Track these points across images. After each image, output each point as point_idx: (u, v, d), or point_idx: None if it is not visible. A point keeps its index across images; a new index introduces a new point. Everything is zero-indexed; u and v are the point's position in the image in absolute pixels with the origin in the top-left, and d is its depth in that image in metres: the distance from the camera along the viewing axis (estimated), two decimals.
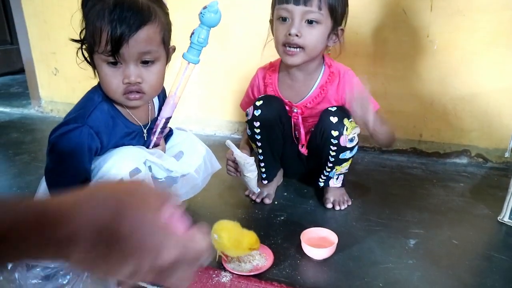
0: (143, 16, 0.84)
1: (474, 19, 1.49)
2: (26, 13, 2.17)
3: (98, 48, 0.84)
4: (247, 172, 1.18)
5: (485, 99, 1.58)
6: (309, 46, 1.13)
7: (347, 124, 1.16)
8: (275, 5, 1.17)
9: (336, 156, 1.21)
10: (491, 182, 1.51)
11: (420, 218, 1.22)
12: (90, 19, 0.84)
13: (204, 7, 0.95)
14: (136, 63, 0.87)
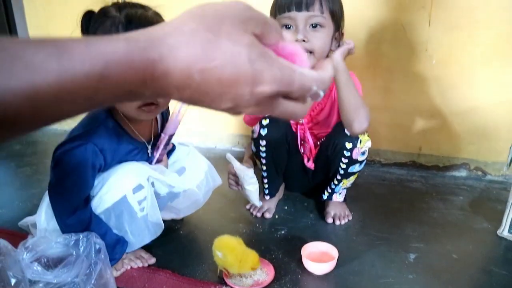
0: None
1: (472, 34, 1.52)
2: (30, 26, 2.19)
3: None
4: (247, 185, 1.19)
5: (483, 113, 1.60)
6: (317, 50, 1.14)
7: (361, 137, 1.17)
8: (276, 16, 1.18)
9: (345, 169, 1.21)
10: (490, 195, 1.52)
11: (420, 232, 1.23)
12: None
13: None
14: None
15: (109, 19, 0.87)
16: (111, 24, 0.86)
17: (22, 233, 1.11)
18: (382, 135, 1.74)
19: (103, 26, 0.87)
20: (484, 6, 1.47)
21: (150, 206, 0.99)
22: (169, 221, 1.24)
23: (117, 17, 0.86)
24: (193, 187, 1.14)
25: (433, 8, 1.53)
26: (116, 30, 0.85)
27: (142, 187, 0.95)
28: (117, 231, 0.96)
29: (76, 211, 0.89)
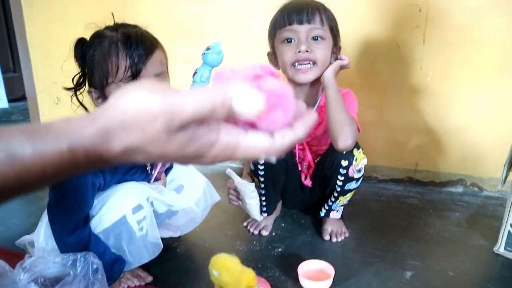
0: (152, 42, 0.93)
1: (466, 52, 1.55)
2: (30, 43, 2.22)
3: (115, 77, 0.89)
4: (248, 199, 1.20)
5: (478, 129, 1.62)
6: (320, 60, 1.17)
7: (356, 155, 1.19)
8: (276, 31, 1.20)
9: (342, 186, 1.23)
10: (487, 211, 1.53)
11: (416, 249, 1.23)
12: (101, 55, 0.89)
13: (207, 48, 0.99)
14: None
15: (106, 39, 0.90)
16: (109, 43, 0.89)
17: (19, 251, 1.12)
18: (379, 151, 1.76)
19: (101, 46, 0.89)
20: (477, 26, 1.50)
21: (149, 225, 1.00)
22: (166, 239, 1.24)
23: (114, 36, 0.90)
24: (192, 205, 1.16)
25: (427, 27, 1.56)
26: (116, 47, 0.88)
27: (142, 207, 0.96)
28: (116, 250, 0.96)
29: (76, 230, 0.89)
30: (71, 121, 0.37)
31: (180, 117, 0.35)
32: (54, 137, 0.36)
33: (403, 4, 1.56)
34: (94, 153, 0.36)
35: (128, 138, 0.36)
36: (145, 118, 0.35)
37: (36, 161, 0.35)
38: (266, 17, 1.25)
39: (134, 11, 1.91)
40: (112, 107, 0.36)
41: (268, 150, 0.38)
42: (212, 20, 1.83)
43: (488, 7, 1.48)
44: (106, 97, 0.93)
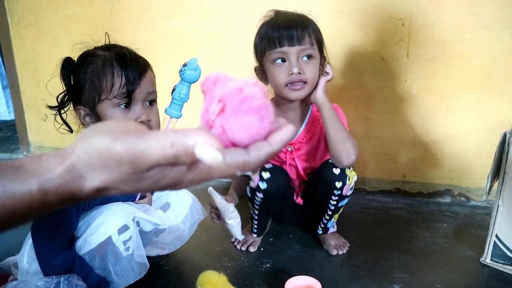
0: (144, 62, 0.97)
1: (448, 65, 1.57)
2: (17, 60, 2.22)
3: (109, 94, 0.90)
4: (228, 219, 1.19)
5: (464, 140, 1.64)
6: (310, 80, 1.19)
7: (349, 174, 1.20)
8: (264, 51, 1.21)
9: (336, 204, 1.24)
10: (474, 221, 1.54)
11: (404, 262, 1.24)
12: (94, 73, 0.91)
13: (184, 64, 1.00)
14: (143, 104, 0.96)
15: (99, 58, 0.91)
16: (103, 61, 0.91)
17: (4, 273, 1.10)
18: (367, 164, 1.77)
19: (95, 64, 0.91)
20: (459, 39, 1.53)
21: (135, 246, 0.99)
22: (154, 257, 1.23)
23: (108, 55, 0.91)
24: (179, 222, 1.15)
25: (410, 41, 1.58)
26: (111, 66, 0.90)
27: (128, 227, 0.96)
28: (101, 271, 0.95)
29: (61, 252, 0.89)
30: (41, 161, 0.37)
31: (145, 163, 0.35)
32: (24, 178, 0.36)
33: (386, 18, 1.59)
34: (66, 192, 0.37)
35: (99, 178, 0.36)
36: (110, 163, 0.35)
37: (5, 202, 0.35)
38: (254, 33, 1.26)
39: (120, 28, 1.92)
40: (79, 147, 0.36)
41: (243, 166, 0.37)
42: (199, 37, 1.84)
43: (469, 21, 1.51)
44: (97, 114, 0.93)
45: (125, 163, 0.35)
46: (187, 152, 0.35)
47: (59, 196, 0.37)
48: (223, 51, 1.81)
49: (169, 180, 0.37)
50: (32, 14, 2.10)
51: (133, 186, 0.37)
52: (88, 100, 0.93)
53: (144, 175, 0.36)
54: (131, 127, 0.38)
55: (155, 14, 1.87)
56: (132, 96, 0.92)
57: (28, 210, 0.36)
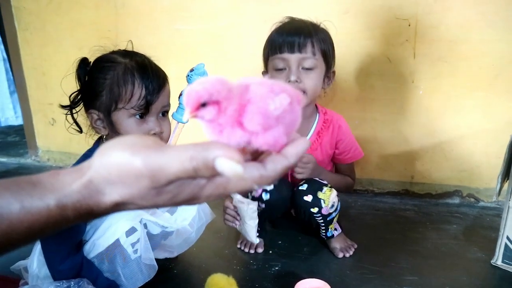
0: (164, 75, 0.97)
1: (455, 65, 1.56)
2: (25, 65, 2.23)
3: (127, 104, 0.90)
4: (248, 220, 1.17)
5: (472, 140, 1.63)
6: (309, 90, 1.19)
7: (322, 197, 1.19)
8: (268, 57, 1.22)
9: (324, 221, 1.23)
10: (484, 222, 1.52)
11: (413, 264, 1.23)
12: (114, 80, 0.90)
13: (191, 70, 1.00)
14: (157, 116, 0.96)
15: (120, 65, 0.91)
16: (124, 69, 0.91)
17: (14, 277, 1.11)
18: (374, 165, 1.76)
19: (115, 71, 0.90)
20: (465, 39, 1.53)
21: (143, 248, 0.99)
22: (163, 260, 1.23)
23: (128, 63, 0.91)
24: (186, 225, 1.15)
25: (417, 41, 1.58)
26: (132, 75, 0.90)
27: (135, 230, 0.96)
28: (110, 274, 0.95)
29: (69, 257, 0.89)
30: (59, 176, 0.37)
31: (165, 177, 0.35)
32: (42, 193, 0.36)
33: (392, 19, 1.58)
34: (84, 207, 0.37)
35: (117, 193, 0.36)
36: (130, 177, 0.35)
37: (23, 218, 0.35)
38: (259, 36, 1.26)
39: (126, 32, 1.93)
40: (97, 163, 0.36)
41: (260, 180, 0.37)
42: (204, 40, 1.84)
43: (476, 21, 1.50)
44: (111, 121, 0.93)
45: (145, 178, 0.35)
46: (207, 166, 0.35)
47: (76, 212, 0.37)
48: (228, 54, 1.81)
49: (187, 195, 0.37)
50: (38, 19, 2.11)
51: (151, 201, 0.37)
52: (104, 106, 0.93)
53: (163, 189, 0.36)
54: (150, 141, 0.38)
55: (160, 17, 1.88)
56: (149, 108, 0.93)
57: (45, 226, 0.36)
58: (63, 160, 2.27)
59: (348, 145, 1.34)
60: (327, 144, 1.32)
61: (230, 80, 0.39)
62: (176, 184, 0.36)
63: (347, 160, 1.36)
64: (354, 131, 1.67)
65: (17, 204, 0.35)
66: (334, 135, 1.32)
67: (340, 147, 1.34)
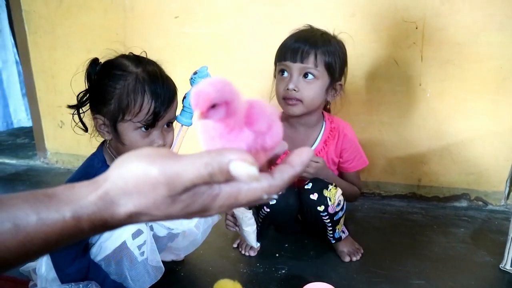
0: (174, 90, 0.97)
1: (464, 68, 1.55)
2: (34, 68, 2.26)
3: (135, 117, 0.90)
4: (245, 226, 1.19)
5: (480, 143, 1.62)
6: (306, 100, 1.20)
7: (328, 194, 1.19)
8: (276, 61, 1.25)
9: (331, 221, 1.23)
10: (492, 226, 1.51)
11: (421, 268, 1.22)
12: (124, 91, 0.90)
13: (195, 72, 1.00)
14: (162, 128, 0.96)
15: (131, 75, 0.91)
16: (135, 81, 0.90)
17: (23, 279, 1.12)
18: (381, 168, 1.76)
19: (125, 83, 0.90)
20: (473, 42, 1.52)
21: (150, 250, 1.00)
22: (169, 262, 1.24)
23: (140, 74, 0.91)
24: (192, 226, 1.16)
25: (424, 44, 1.57)
26: (143, 88, 0.90)
27: (142, 232, 0.97)
28: (117, 277, 0.96)
29: (75, 261, 0.90)
30: (74, 189, 0.38)
31: (181, 184, 0.36)
32: (57, 205, 0.37)
33: (399, 22, 1.58)
34: (98, 219, 0.37)
35: (132, 203, 0.37)
36: (146, 186, 0.36)
37: (39, 229, 0.36)
38: (265, 39, 1.27)
39: (133, 35, 1.95)
40: (114, 175, 0.37)
41: (268, 189, 0.38)
42: (211, 42, 1.85)
43: (484, 23, 1.49)
44: (116, 129, 0.93)
45: (161, 185, 0.36)
46: (222, 170, 0.36)
47: (91, 223, 0.37)
48: (234, 57, 1.82)
49: (199, 206, 0.38)
50: (48, 23, 2.14)
51: (165, 211, 0.37)
52: (110, 115, 0.93)
53: (177, 198, 0.37)
54: (165, 151, 0.39)
55: (167, 20, 1.89)
56: (156, 123, 0.93)
57: (60, 237, 0.37)
58: (71, 162, 2.29)
59: (352, 154, 1.35)
60: (332, 152, 1.33)
61: None
62: (190, 193, 0.37)
63: (351, 168, 1.36)
64: (361, 134, 1.67)
65: (34, 216, 0.36)
66: (339, 144, 1.33)
67: (344, 156, 1.34)
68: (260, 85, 1.35)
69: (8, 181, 2.11)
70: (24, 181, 2.09)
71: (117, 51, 0.97)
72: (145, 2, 1.90)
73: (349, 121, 1.42)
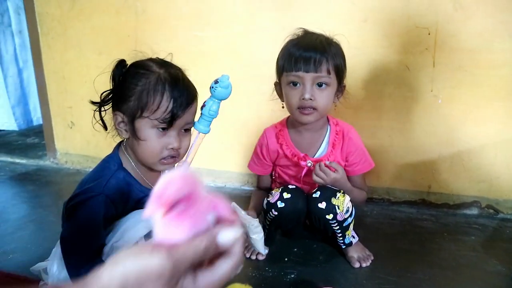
0: (194, 92, 0.97)
1: (475, 74, 1.54)
2: (46, 69, 2.28)
3: (152, 115, 0.91)
4: (252, 234, 1.19)
5: (492, 151, 1.60)
6: (321, 107, 1.21)
7: (336, 203, 1.19)
8: (282, 71, 1.24)
9: (340, 227, 1.23)
10: (503, 234, 1.50)
11: (431, 275, 1.21)
12: (145, 88, 0.91)
13: (216, 81, 1.00)
14: (179, 131, 0.96)
15: (153, 74, 0.92)
16: (156, 80, 0.91)
17: (34, 278, 1.12)
18: (391, 174, 1.75)
19: (148, 80, 0.91)
20: (486, 48, 1.51)
21: None
22: None
23: (162, 74, 0.92)
24: None
25: (436, 50, 1.56)
26: (163, 87, 0.91)
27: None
28: None
29: (89, 263, 0.90)
30: None
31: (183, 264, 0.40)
32: None
33: (411, 27, 1.58)
34: None
35: None
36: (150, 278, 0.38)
37: None
38: (275, 43, 1.27)
39: (145, 38, 1.96)
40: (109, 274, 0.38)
41: (236, 264, 0.45)
42: (220, 46, 1.86)
43: (497, 30, 1.48)
44: (133, 126, 0.94)
45: (166, 270, 0.39)
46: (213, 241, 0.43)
47: None
48: (244, 61, 1.82)
49: None
50: (60, 25, 2.16)
51: None
52: (129, 111, 0.93)
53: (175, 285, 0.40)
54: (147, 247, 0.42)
55: (178, 24, 1.90)
56: (173, 123, 0.93)
57: None
58: (80, 162, 2.31)
59: (358, 157, 1.34)
60: (338, 156, 1.32)
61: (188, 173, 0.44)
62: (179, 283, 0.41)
63: (357, 171, 1.36)
64: (370, 140, 1.67)
65: None
66: (345, 147, 1.33)
67: (350, 159, 1.34)
68: (270, 90, 1.34)
69: (19, 181, 2.13)
70: (34, 181, 2.11)
71: (145, 55, 0.98)
72: (157, 5, 1.91)
73: (358, 126, 1.41)
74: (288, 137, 1.34)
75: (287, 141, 1.33)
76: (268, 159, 1.39)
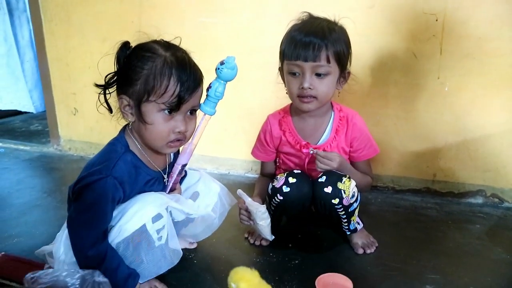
0: (200, 77, 0.96)
1: (484, 62, 1.53)
2: (49, 56, 2.27)
3: (159, 98, 0.90)
4: (260, 220, 1.19)
5: (498, 140, 1.59)
6: (320, 96, 1.21)
7: (342, 187, 1.18)
8: (284, 59, 1.23)
9: (346, 212, 1.21)
10: (508, 223, 1.49)
11: (435, 263, 1.21)
12: (151, 72, 0.90)
13: (222, 63, 0.99)
14: (185, 114, 0.96)
15: (160, 58, 0.91)
16: (163, 63, 0.90)
17: (39, 262, 1.13)
18: (395, 162, 1.74)
19: (153, 64, 0.90)
20: (495, 36, 1.49)
21: (170, 234, 1.00)
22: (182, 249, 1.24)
23: (168, 58, 0.91)
24: (209, 211, 1.16)
25: (444, 37, 1.55)
26: (170, 71, 0.90)
27: (161, 216, 0.97)
28: (133, 260, 0.96)
29: (95, 244, 0.90)
30: None
31: None
32: None
33: (419, 14, 1.55)
34: None
35: None
36: None
37: None
38: (281, 30, 1.26)
39: (149, 24, 1.94)
40: None
41: None
42: (227, 32, 1.84)
43: (507, 17, 1.46)
44: (140, 110, 0.93)
45: None
46: None
47: None
48: (251, 47, 1.81)
49: None
50: (64, 11, 2.14)
51: None
52: (136, 95, 0.92)
53: None
54: None
55: (185, 10, 1.88)
56: (180, 106, 0.92)
57: None
58: (84, 149, 2.31)
59: (362, 142, 1.33)
60: (343, 142, 1.31)
61: None
62: None
63: (362, 157, 1.34)
64: (376, 127, 1.66)
65: None
66: (349, 133, 1.31)
67: (355, 145, 1.32)
68: (275, 77, 1.33)
69: (23, 167, 2.13)
70: (37, 167, 2.11)
71: (150, 36, 0.97)
72: None
73: (364, 114, 1.40)
74: (291, 123, 1.33)
75: (290, 127, 1.32)
76: (271, 146, 1.38)
